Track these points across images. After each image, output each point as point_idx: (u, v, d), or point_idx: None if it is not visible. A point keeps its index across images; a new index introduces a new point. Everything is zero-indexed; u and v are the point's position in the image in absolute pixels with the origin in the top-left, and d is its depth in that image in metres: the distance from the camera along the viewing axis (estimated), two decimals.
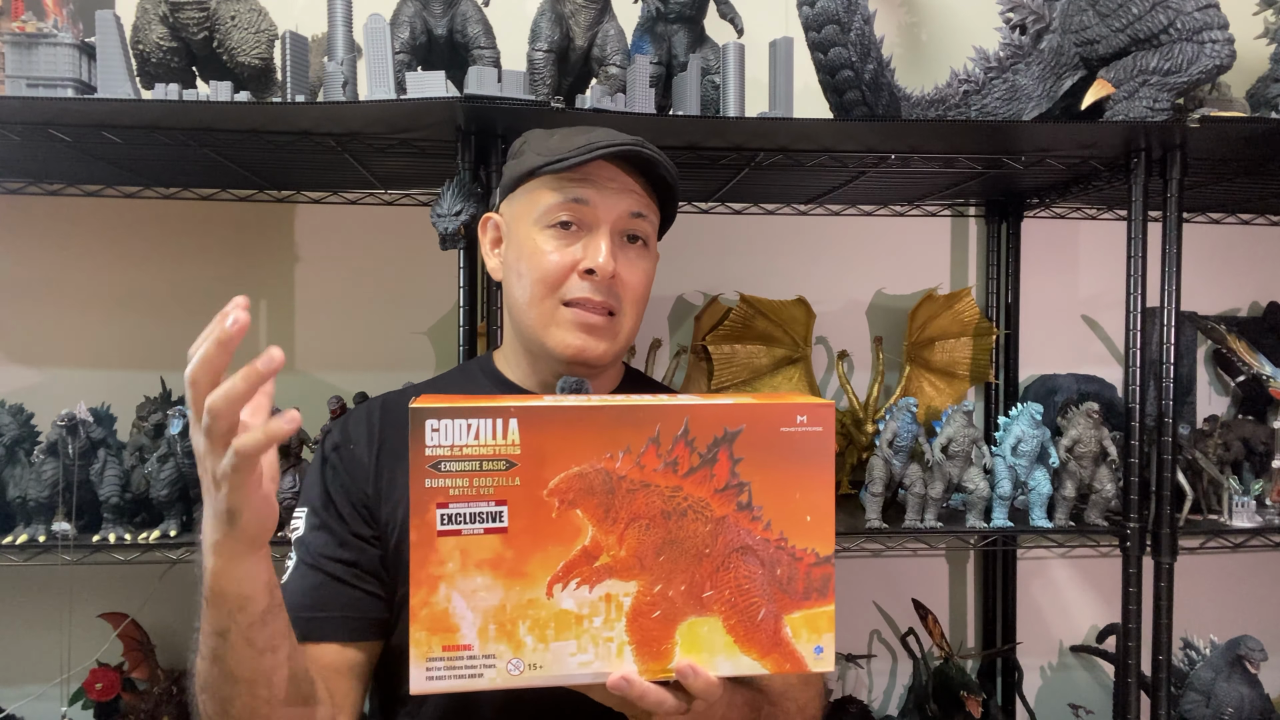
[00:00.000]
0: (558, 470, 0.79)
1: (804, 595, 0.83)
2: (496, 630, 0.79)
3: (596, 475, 0.80)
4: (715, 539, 0.81)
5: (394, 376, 1.93)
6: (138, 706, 1.76)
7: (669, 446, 0.80)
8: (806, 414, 0.82)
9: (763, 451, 0.81)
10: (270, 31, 1.54)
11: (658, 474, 0.80)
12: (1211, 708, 1.78)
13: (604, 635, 0.80)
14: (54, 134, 1.45)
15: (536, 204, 1.05)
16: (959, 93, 1.67)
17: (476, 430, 0.78)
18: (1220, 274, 2.26)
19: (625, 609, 0.81)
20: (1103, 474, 1.77)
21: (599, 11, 1.63)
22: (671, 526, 0.81)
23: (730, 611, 0.82)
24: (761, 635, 0.82)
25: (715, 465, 0.81)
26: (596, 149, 1.01)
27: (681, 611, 0.81)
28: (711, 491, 0.81)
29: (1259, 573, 2.28)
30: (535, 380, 1.12)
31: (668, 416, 0.80)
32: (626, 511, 0.80)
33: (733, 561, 0.82)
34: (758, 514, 0.82)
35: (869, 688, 2.19)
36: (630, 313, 1.08)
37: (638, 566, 0.81)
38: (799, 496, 0.82)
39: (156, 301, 1.97)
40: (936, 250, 2.22)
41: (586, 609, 0.80)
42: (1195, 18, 1.50)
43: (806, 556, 0.83)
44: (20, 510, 1.60)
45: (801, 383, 2.10)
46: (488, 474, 0.78)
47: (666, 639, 0.81)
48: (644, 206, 1.06)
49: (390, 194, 1.99)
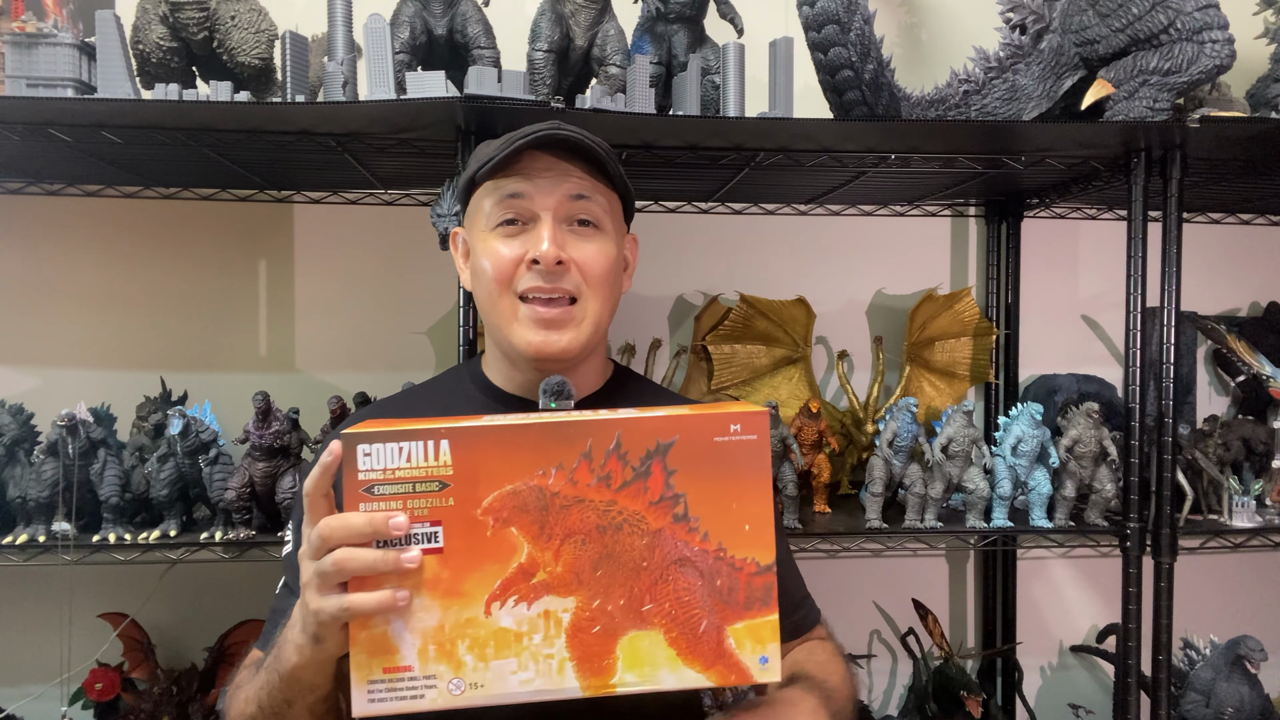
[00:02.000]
0: (491, 489, 0.79)
1: (746, 605, 0.82)
2: (436, 650, 0.79)
3: (530, 492, 0.79)
4: (652, 552, 0.81)
5: (394, 376, 1.93)
6: (138, 706, 1.75)
7: (601, 461, 0.80)
8: (740, 423, 0.81)
9: (697, 462, 0.81)
10: (270, 31, 1.54)
11: (591, 489, 0.80)
12: (1211, 708, 1.78)
13: (544, 652, 0.80)
14: (54, 134, 1.45)
15: (481, 210, 1.07)
16: (959, 93, 1.67)
17: (408, 453, 0.78)
18: (1220, 274, 2.26)
19: (564, 625, 0.80)
20: (1103, 474, 1.77)
21: (599, 11, 1.63)
22: (607, 541, 0.80)
23: (671, 624, 0.81)
24: (704, 647, 0.82)
25: (649, 478, 0.81)
26: (515, 140, 1.01)
27: (621, 626, 0.81)
28: (646, 504, 0.81)
29: (1259, 573, 2.28)
30: (518, 383, 1.12)
31: (599, 431, 0.80)
32: (561, 527, 0.80)
33: (671, 574, 0.81)
34: (694, 525, 0.81)
35: (869, 688, 2.18)
36: (594, 296, 1.05)
37: (575, 582, 0.80)
38: (736, 506, 0.82)
39: (156, 301, 1.97)
40: (936, 250, 2.22)
41: (525, 626, 0.80)
42: (1195, 18, 1.50)
43: (747, 566, 0.82)
44: (20, 510, 1.60)
45: (801, 383, 2.10)
46: (421, 495, 0.78)
47: (608, 654, 0.81)
48: (586, 188, 1.05)
49: (390, 194, 1.99)
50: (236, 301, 1.99)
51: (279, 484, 1.59)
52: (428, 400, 1.17)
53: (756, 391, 2.08)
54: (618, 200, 1.11)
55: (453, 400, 1.14)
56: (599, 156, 1.04)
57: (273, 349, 2.01)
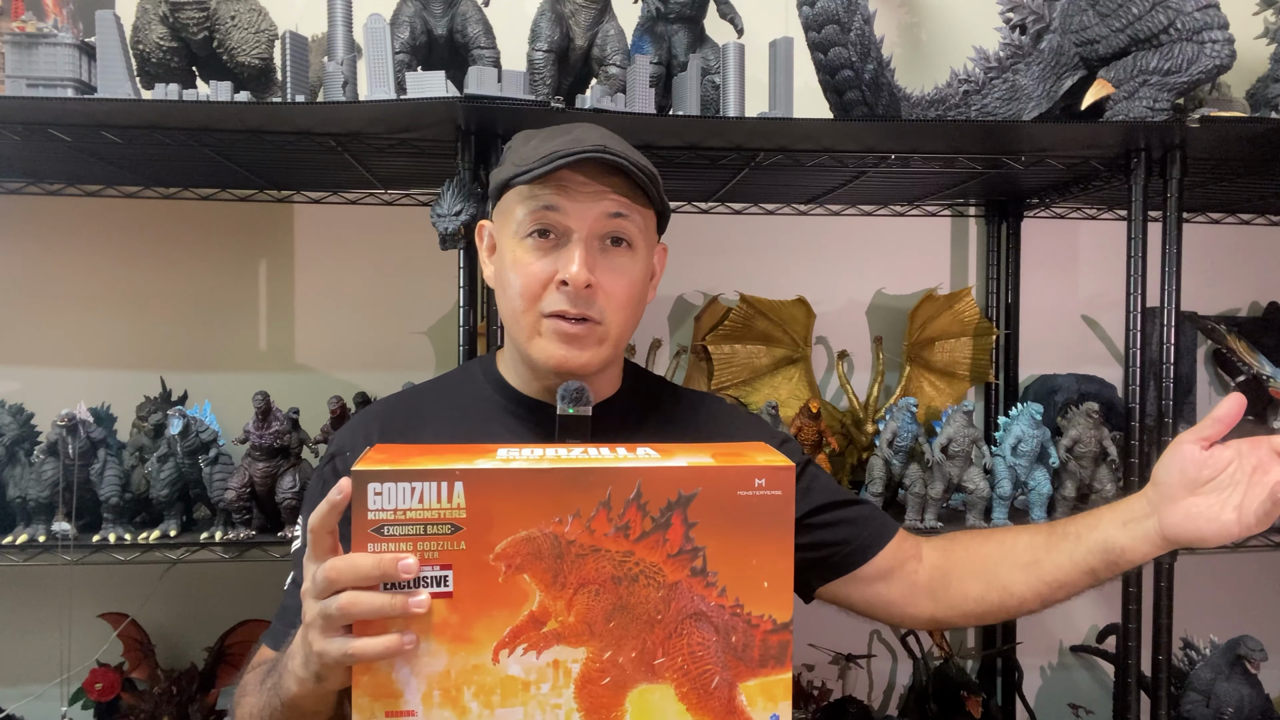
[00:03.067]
0: (505, 534, 0.77)
1: (760, 663, 0.81)
2: (441, 696, 0.77)
3: (545, 540, 0.78)
4: (668, 605, 0.79)
5: (394, 376, 1.93)
6: (138, 706, 1.75)
7: (620, 510, 0.78)
8: (765, 477, 0.80)
9: (719, 516, 0.79)
10: (270, 31, 1.54)
11: (608, 538, 0.78)
12: (1211, 708, 1.78)
13: (551, 702, 0.78)
14: (54, 134, 1.45)
15: (513, 215, 1.04)
16: (959, 93, 1.67)
17: (420, 494, 0.76)
18: (1220, 274, 2.26)
19: (574, 676, 0.79)
20: (1103, 474, 1.76)
21: (599, 11, 1.63)
22: (622, 592, 0.79)
23: (682, 679, 0.80)
24: (715, 704, 0.80)
25: (669, 530, 0.79)
26: (557, 158, 0.98)
27: (632, 679, 0.80)
28: (664, 556, 0.79)
29: (1259, 573, 2.28)
30: (534, 387, 1.11)
31: (619, 479, 0.78)
32: (575, 577, 0.78)
33: (685, 628, 0.80)
34: (712, 580, 0.80)
35: (869, 688, 2.18)
36: (615, 320, 1.04)
37: (587, 632, 0.79)
38: (756, 563, 0.80)
39: (156, 301, 1.97)
40: (936, 250, 2.22)
41: (534, 675, 0.78)
42: (1195, 18, 1.50)
43: (763, 623, 0.81)
44: (20, 510, 1.60)
45: (801, 383, 2.10)
46: (432, 538, 0.77)
47: (616, 706, 0.79)
48: (623, 206, 1.03)
49: (390, 194, 1.99)
50: (236, 301, 1.99)
51: (279, 484, 1.59)
52: (442, 400, 1.16)
53: (756, 391, 2.08)
54: (654, 217, 1.09)
55: (468, 402, 1.14)
56: (641, 182, 1.03)
57: (273, 349, 2.01)
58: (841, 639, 2.10)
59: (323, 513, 0.79)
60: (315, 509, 0.79)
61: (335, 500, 0.78)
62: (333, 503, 0.78)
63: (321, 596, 0.77)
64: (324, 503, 0.79)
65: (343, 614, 0.76)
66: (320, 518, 0.79)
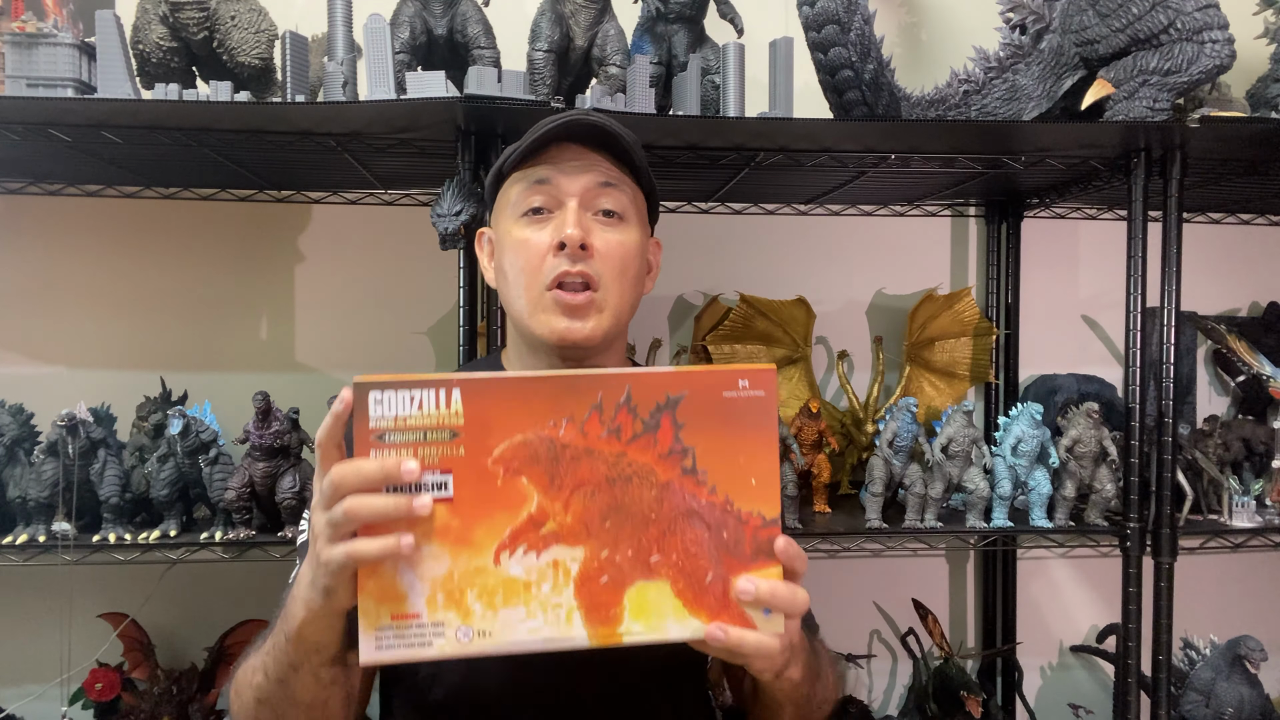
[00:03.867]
0: (502, 439, 0.79)
1: (751, 557, 0.83)
2: (445, 598, 0.79)
3: (541, 443, 0.80)
4: (661, 504, 0.81)
5: None
6: (138, 706, 1.75)
7: (612, 414, 0.80)
8: (748, 378, 0.82)
9: (706, 417, 0.82)
10: (270, 31, 1.54)
11: (601, 441, 0.80)
12: (1211, 708, 1.78)
13: (552, 601, 0.80)
14: (54, 134, 1.45)
15: (509, 200, 1.08)
16: (959, 93, 1.67)
17: (420, 401, 0.78)
18: (1220, 274, 2.26)
19: (573, 575, 0.80)
20: (1103, 474, 1.76)
21: (599, 11, 1.63)
22: (616, 492, 0.81)
23: (678, 575, 0.82)
24: (709, 598, 0.82)
25: (659, 431, 0.81)
26: (546, 126, 1.03)
27: (629, 576, 0.81)
28: (656, 457, 0.81)
29: (1259, 573, 2.28)
30: None
31: (610, 384, 0.80)
32: (571, 478, 0.80)
33: (679, 525, 0.82)
34: (702, 478, 0.82)
35: (869, 688, 2.19)
36: (614, 286, 1.06)
37: (584, 532, 0.81)
38: (743, 461, 0.82)
39: (156, 301, 1.97)
40: (936, 250, 2.22)
41: (534, 575, 0.80)
42: (1195, 18, 1.50)
43: (752, 520, 0.83)
44: (20, 510, 1.60)
45: (801, 383, 2.10)
46: (432, 444, 0.78)
47: (615, 604, 0.81)
48: (612, 176, 1.07)
49: (390, 194, 1.99)
50: (236, 301, 1.99)
51: (279, 484, 1.59)
52: None
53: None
54: (642, 197, 1.12)
55: None
56: (625, 145, 1.06)
57: (273, 349, 2.01)
58: (842, 639, 2.10)
59: (327, 425, 0.80)
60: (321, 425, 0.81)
61: (338, 410, 0.79)
62: (336, 414, 0.79)
63: (329, 505, 0.78)
64: (329, 415, 0.80)
65: (348, 518, 0.76)
66: (326, 430, 0.80)
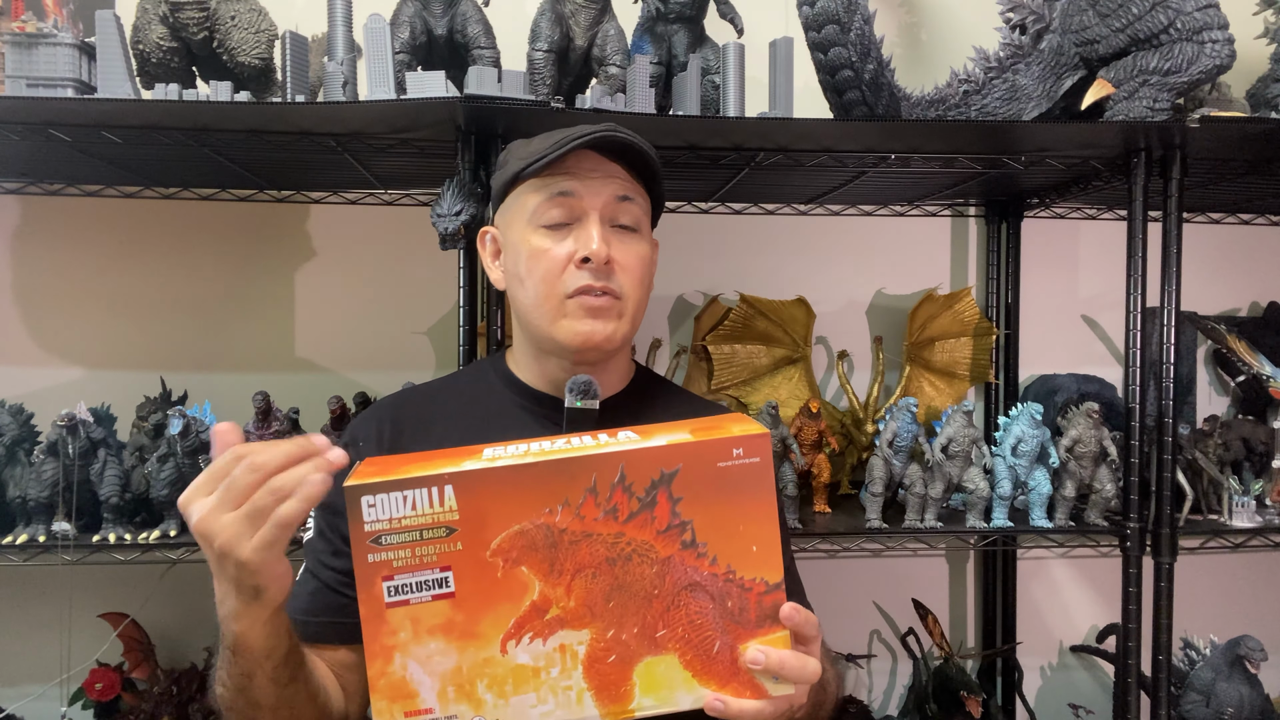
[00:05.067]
0: (499, 530, 0.80)
1: (757, 624, 0.83)
2: (456, 691, 0.80)
3: (538, 531, 0.80)
4: (663, 579, 0.82)
5: (394, 376, 1.93)
6: (138, 706, 1.75)
7: (607, 494, 0.81)
8: (742, 446, 0.82)
9: (702, 488, 0.82)
10: (270, 31, 1.54)
11: (599, 523, 0.81)
12: (1211, 708, 1.78)
13: (562, 684, 0.81)
14: (54, 134, 1.45)
15: (526, 207, 1.08)
16: (959, 93, 1.67)
17: (413, 501, 0.78)
18: (1220, 274, 2.26)
19: (580, 657, 0.81)
20: (1103, 474, 1.76)
21: (599, 11, 1.63)
22: (618, 572, 0.81)
23: (685, 648, 0.83)
24: (718, 667, 0.83)
25: (655, 508, 0.81)
26: (571, 139, 1.03)
27: (636, 653, 0.82)
28: (654, 533, 0.82)
29: (1259, 573, 2.28)
30: (545, 380, 1.13)
31: (603, 465, 0.80)
32: (571, 563, 0.81)
33: (682, 599, 0.82)
34: (703, 550, 0.82)
35: (869, 688, 2.19)
36: (632, 295, 1.08)
37: (588, 615, 0.81)
38: (743, 528, 0.82)
39: (156, 301, 1.97)
40: (936, 250, 2.22)
41: (542, 661, 0.81)
42: (1195, 18, 1.50)
43: (756, 586, 0.83)
44: (20, 510, 1.60)
45: (801, 383, 2.10)
46: (429, 542, 0.79)
47: (625, 681, 0.82)
48: (630, 190, 1.08)
49: (390, 194, 1.99)
50: (236, 301, 1.99)
51: None
52: (454, 395, 1.18)
53: (756, 391, 2.09)
54: (650, 204, 1.14)
55: (480, 395, 1.16)
56: (648, 161, 1.08)
57: (272, 349, 2.01)
58: (842, 639, 2.10)
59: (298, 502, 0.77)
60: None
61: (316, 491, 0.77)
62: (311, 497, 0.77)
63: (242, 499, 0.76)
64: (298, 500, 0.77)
65: (272, 494, 0.75)
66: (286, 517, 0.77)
